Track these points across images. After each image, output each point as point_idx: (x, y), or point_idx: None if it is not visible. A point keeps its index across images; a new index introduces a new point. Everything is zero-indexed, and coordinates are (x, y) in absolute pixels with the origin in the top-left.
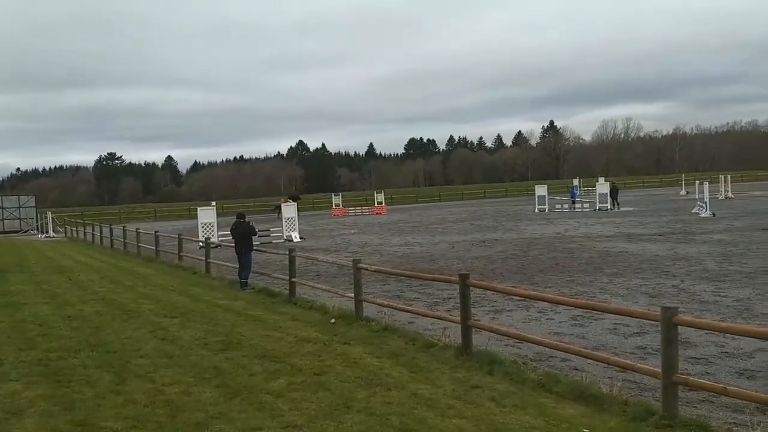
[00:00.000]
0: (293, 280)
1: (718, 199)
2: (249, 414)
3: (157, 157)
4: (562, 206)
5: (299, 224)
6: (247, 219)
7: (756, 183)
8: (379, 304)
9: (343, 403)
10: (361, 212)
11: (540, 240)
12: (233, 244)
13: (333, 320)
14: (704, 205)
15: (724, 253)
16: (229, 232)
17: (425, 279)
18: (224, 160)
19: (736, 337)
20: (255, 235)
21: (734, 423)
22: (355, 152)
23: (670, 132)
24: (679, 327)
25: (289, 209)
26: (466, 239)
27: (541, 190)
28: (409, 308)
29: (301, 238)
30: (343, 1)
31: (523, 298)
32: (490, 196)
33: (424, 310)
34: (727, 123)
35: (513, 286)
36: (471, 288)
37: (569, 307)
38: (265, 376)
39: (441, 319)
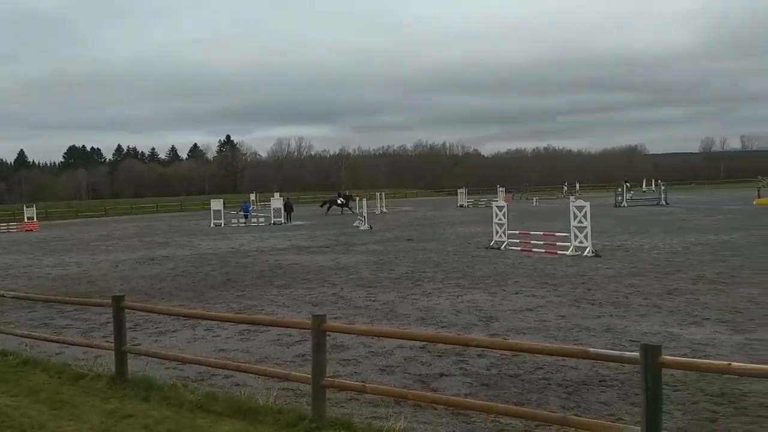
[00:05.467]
0: None
1: (375, 213)
2: None
3: None
4: (238, 221)
5: None
6: None
7: (405, 200)
8: (18, 335)
9: None
10: (7, 229)
11: (214, 255)
12: None
13: None
14: (363, 219)
15: (377, 261)
16: None
17: (72, 303)
18: None
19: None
20: None
21: (374, 417)
22: (2, 159)
23: (337, 152)
24: (330, 333)
25: None
26: (134, 257)
27: (216, 204)
28: (56, 338)
29: None
30: None
31: (188, 318)
32: (163, 211)
33: (73, 338)
34: (383, 146)
35: (181, 305)
36: (129, 311)
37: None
38: None
39: (93, 346)
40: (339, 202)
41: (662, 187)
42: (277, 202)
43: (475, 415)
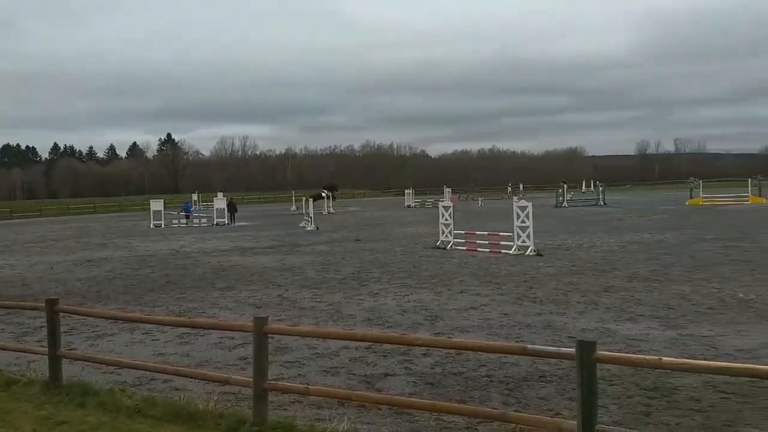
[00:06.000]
0: None
1: (322, 214)
2: None
3: None
4: (179, 222)
5: None
6: None
7: (352, 200)
8: None
9: None
10: None
11: (153, 257)
12: None
13: None
14: (310, 220)
15: (323, 262)
16: None
17: (4, 307)
18: None
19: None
20: None
21: (317, 419)
22: None
23: (283, 152)
24: (273, 335)
25: None
26: (70, 259)
27: (156, 205)
28: None
29: None
30: None
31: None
32: (101, 211)
33: (5, 342)
34: (330, 146)
35: (118, 308)
36: (64, 314)
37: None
38: None
39: (26, 351)
40: (323, 195)
41: (600, 188)
42: (220, 202)
43: (418, 414)
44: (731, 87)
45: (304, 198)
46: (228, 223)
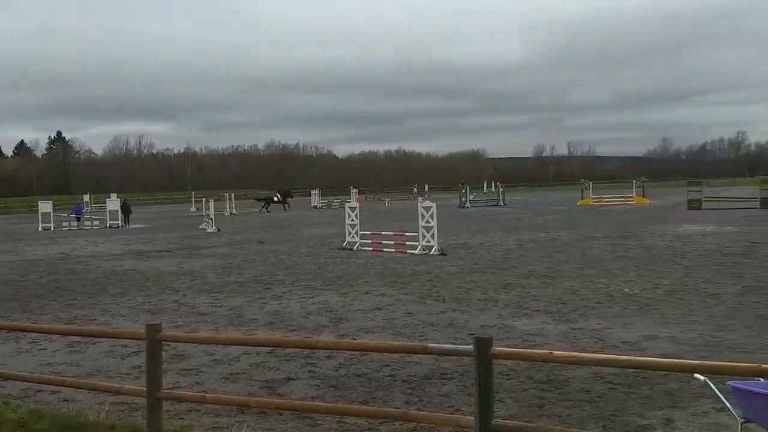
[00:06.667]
0: None
1: (224, 215)
2: None
3: None
4: (69, 224)
5: None
6: None
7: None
8: None
9: None
10: None
11: (41, 262)
12: None
13: None
14: (210, 221)
15: (224, 265)
16: None
17: None
18: None
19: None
20: None
21: (216, 427)
22: None
23: (182, 151)
24: (168, 342)
25: None
26: None
27: (45, 206)
28: None
29: None
30: None
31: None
32: None
33: None
34: (232, 145)
35: (2, 316)
36: None
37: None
38: None
39: None
40: (275, 198)
41: (500, 189)
42: (113, 203)
43: (321, 417)
44: (618, 93)
45: (204, 199)
46: (122, 226)
